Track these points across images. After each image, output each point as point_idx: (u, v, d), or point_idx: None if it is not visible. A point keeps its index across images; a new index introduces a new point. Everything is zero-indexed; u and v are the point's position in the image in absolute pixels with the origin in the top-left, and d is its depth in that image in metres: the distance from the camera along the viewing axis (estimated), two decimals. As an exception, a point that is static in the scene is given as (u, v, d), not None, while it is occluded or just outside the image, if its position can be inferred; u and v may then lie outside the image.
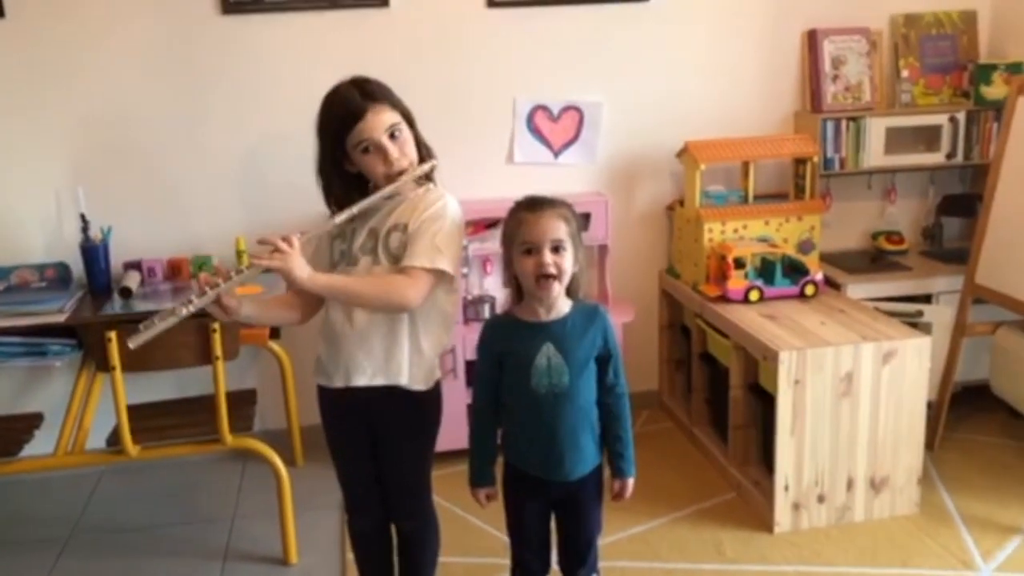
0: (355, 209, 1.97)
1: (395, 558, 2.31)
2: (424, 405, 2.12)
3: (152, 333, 1.85)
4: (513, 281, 1.99)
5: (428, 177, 2.09)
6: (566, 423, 1.97)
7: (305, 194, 2.20)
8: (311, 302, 2.10)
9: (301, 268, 1.88)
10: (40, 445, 2.84)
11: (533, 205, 1.93)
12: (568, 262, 1.92)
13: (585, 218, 3.24)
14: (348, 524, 2.31)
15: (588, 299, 2.04)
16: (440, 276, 1.99)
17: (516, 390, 1.99)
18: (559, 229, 1.90)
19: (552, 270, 1.89)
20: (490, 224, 3.31)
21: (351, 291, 1.96)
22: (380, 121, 1.96)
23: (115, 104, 3.18)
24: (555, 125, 3.47)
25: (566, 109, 3.46)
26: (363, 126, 1.95)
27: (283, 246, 1.86)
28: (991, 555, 2.67)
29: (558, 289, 1.93)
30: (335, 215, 1.98)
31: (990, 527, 2.80)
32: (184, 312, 1.84)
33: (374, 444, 2.14)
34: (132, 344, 1.85)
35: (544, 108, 3.44)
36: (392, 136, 1.98)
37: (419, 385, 2.08)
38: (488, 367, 2.03)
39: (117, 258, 3.16)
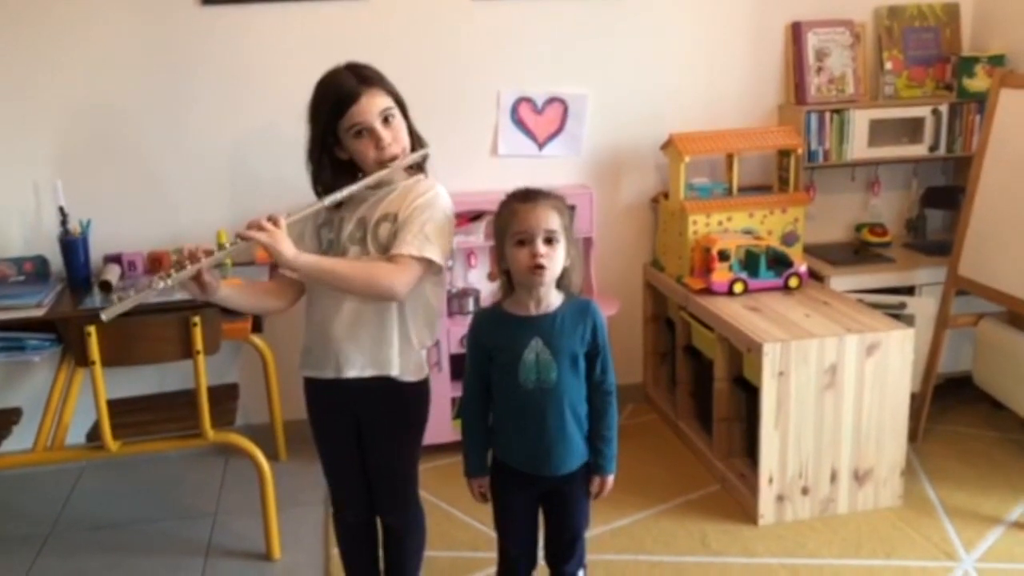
0: (344, 193, 1.94)
1: (380, 552, 2.30)
2: (413, 397, 2.11)
3: (127, 305, 1.77)
4: (504, 274, 1.97)
5: (419, 168, 2.07)
6: (554, 418, 1.96)
7: (286, 186, 2.19)
8: (290, 290, 2.08)
9: (287, 246, 1.84)
10: (19, 441, 2.81)
11: (526, 196, 1.92)
12: (560, 254, 1.91)
13: (570, 211, 3.22)
14: (334, 518, 2.30)
15: (580, 293, 2.02)
16: (428, 266, 1.97)
17: (504, 385, 1.98)
18: (552, 220, 1.89)
19: (545, 261, 1.87)
20: (475, 217, 3.30)
21: (337, 273, 1.92)
22: (374, 105, 1.95)
23: (94, 96, 3.14)
24: (539, 117, 3.45)
25: (550, 101, 3.44)
26: (356, 109, 1.93)
27: (268, 225, 1.83)
28: (973, 545, 2.68)
29: (549, 279, 1.92)
30: (323, 198, 1.95)
31: (972, 518, 2.82)
32: (162, 285, 1.77)
33: (360, 437, 2.12)
34: (105, 316, 1.78)
35: (528, 100, 3.42)
36: (385, 120, 1.96)
37: (410, 376, 2.06)
38: (477, 360, 2.02)
39: (97, 252, 3.12)
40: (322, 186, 2.01)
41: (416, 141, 2.06)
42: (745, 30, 3.52)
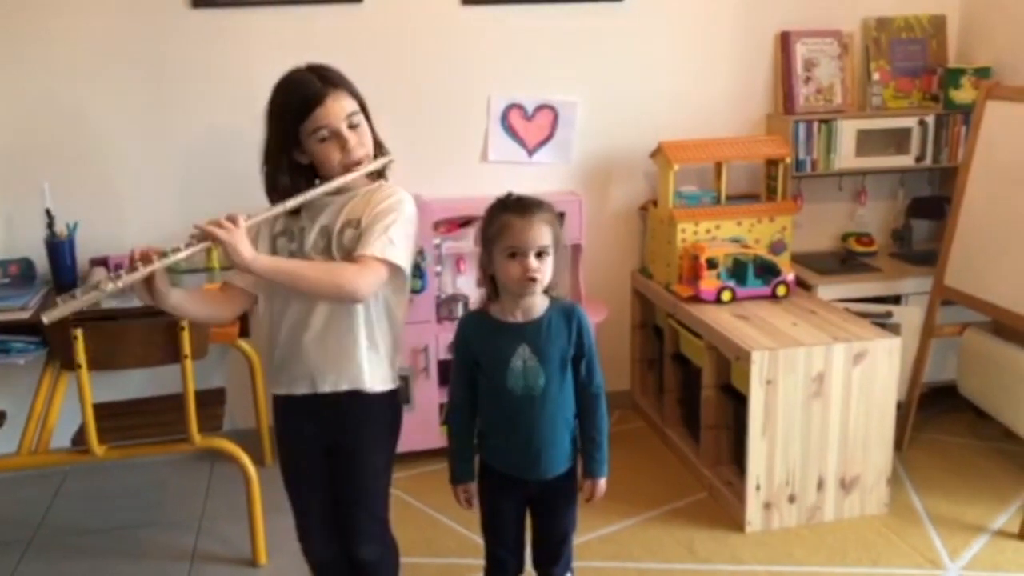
0: (308, 195, 1.88)
1: None
2: (387, 406, 2.05)
3: (70, 308, 1.68)
4: (489, 280, 1.97)
5: (380, 173, 2.02)
6: (542, 424, 1.96)
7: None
8: (239, 300, 2.00)
9: (246, 247, 1.77)
10: (2, 445, 2.79)
11: (520, 209, 1.89)
12: (550, 266, 1.90)
13: (559, 217, 3.22)
14: (305, 554, 2.16)
15: (564, 298, 2.02)
16: (392, 269, 1.90)
17: (491, 391, 1.98)
18: (546, 236, 1.88)
19: (537, 275, 1.87)
20: (463, 223, 3.29)
21: (298, 275, 1.85)
22: (340, 108, 1.89)
23: (82, 98, 3.13)
24: (529, 124, 3.46)
25: (540, 108, 3.45)
26: (322, 112, 1.88)
27: (227, 223, 1.77)
28: (958, 554, 2.70)
29: (540, 290, 1.92)
30: (283, 201, 1.88)
31: (957, 526, 2.84)
32: (110, 287, 1.69)
33: (333, 458, 2.04)
34: (47, 319, 1.69)
35: (518, 106, 3.43)
36: (351, 125, 1.91)
37: (379, 386, 2.00)
38: (464, 365, 2.02)
39: (83, 254, 3.10)
40: (277, 191, 1.94)
41: (377, 145, 2.00)
42: (734, 39, 3.54)
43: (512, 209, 1.90)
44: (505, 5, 3.33)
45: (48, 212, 3.03)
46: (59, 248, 3.01)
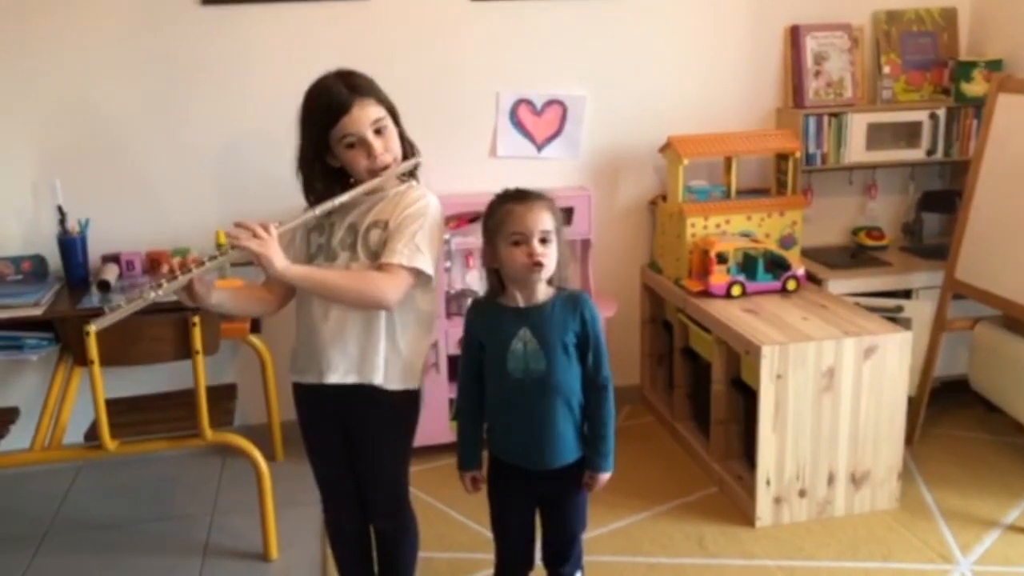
0: (336, 202, 1.94)
1: (375, 557, 2.29)
2: (400, 404, 2.08)
3: (118, 316, 1.78)
4: (494, 274, 1.98)
5: (411, 174, 2.07)
6: (544, 409, 1.96)
7: (284, 187, 2.19)
8: (281, 294, 2.07)
9: (279, 256, 1.84)
10: (16, 440, 2.80)
11: (521, 196, 1.94)
12: (554, 253, 1.93)
13: (568, 212, 3.23)
14: (326, 524, 2.28)
15: (571, 287, 2.03)
16: (418, 275, 1.96)
17: (495, 375, 2.00)
18: (547, 221, 1.92)
19: (543, 260, 1.90)
20: (473, 218, 3.29)
21: (328, 284, 1.93)
22: (366, 115, 1.94)
23: (93, 95, 3.14)
24: (538, 119, 3.46)
25: (549, 103, 3.45)
26: (348, 120, 1.93)
27: (261, 232, 1.82)
28: (969, 548, 2.69)
29: (546, 275, 1.93)
30: (314, 207, 1.95)
31: (968, 521, 2.83)
32: (153, 296, 1.78)
33: (350, 443, 2.11)
34: (96, 326, 1.80)
35: (527, 102, 3.43)
36: (377, 131, 1.96)
37: (395, 385, 2.04)
38: (471, 350, 2.04)
39: (95, 251, 3.12)
40: (314, 195, 2.00)
41: (407, 147, 2.05)
42: (744, 33, 3.53)
43: (512, 198, 1.94)
44: (514, 0, 3.32)
45: (60, 209, 3.05)
46: (71, 245, 3.02)
